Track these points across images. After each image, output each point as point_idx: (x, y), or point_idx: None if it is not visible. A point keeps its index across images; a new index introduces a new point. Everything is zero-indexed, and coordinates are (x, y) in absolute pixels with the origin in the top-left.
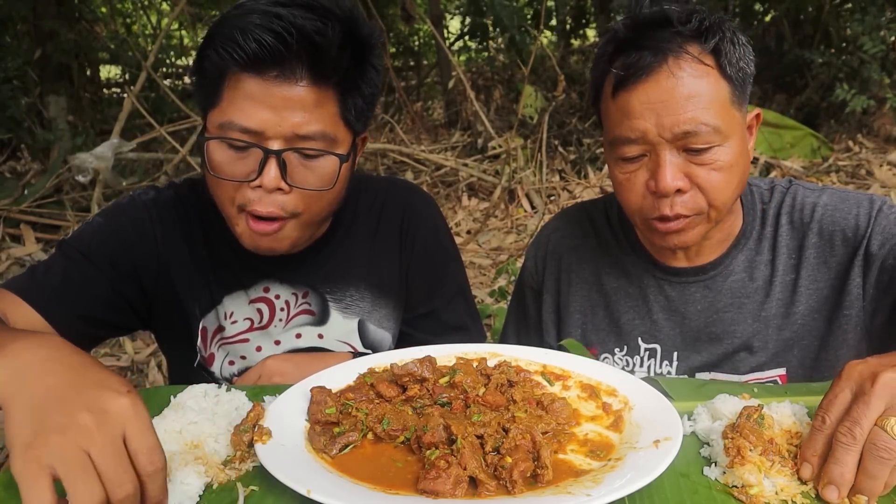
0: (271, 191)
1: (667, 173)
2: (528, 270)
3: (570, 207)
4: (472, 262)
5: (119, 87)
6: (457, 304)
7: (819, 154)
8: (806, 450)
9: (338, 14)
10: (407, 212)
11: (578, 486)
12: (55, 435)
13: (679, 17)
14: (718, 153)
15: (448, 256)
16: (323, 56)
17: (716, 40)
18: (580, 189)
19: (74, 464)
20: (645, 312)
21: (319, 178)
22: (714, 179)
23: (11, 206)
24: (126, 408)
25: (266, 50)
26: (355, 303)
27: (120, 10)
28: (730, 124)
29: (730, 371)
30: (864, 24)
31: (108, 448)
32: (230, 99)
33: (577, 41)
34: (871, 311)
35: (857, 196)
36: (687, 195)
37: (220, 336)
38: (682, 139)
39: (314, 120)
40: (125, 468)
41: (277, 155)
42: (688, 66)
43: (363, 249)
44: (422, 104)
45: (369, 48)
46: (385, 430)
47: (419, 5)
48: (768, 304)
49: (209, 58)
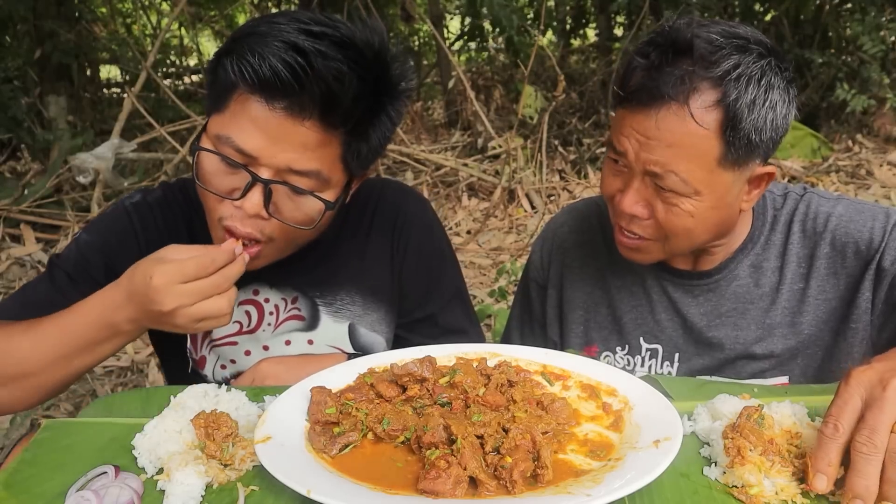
0: (251, 216)
1: (628, 197)
2: (534, 264)
3: (578, 202)
4: (472, 262)
5: (119, 87)
6: (454, 308)
7: (819, 154)
8: (819, 460)
9: (366, 58)
10: (400, 214)
11: (578, 486)
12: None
13: (703, 54)
14: (683, 201)
15: (443, 259)
16: (336, 104)
17: (732, 99)
18: (580, 189)
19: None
20: (648, 312)
21: (302, 214)
22: (672, 220)
23: (11, 206)
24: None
25: (279, 81)
26: (346, 306)
27: (120, 10)
28: (707, 182)
29: (731, 377)
30: (864, 24)
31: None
32: (234, 113)
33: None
34: (879, 326)
35: (874, 208)
36: (645, 221)
37: (209, 338)
38: (652, 175)
39: (312, 159)
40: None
41: (265, 184)
42: (683, 119)
43: (354, 252)
44: (422, 104)
45: (393, 96)
46: (385, 430)
47: (419, 5)
48: (773, 312)
49: (223, 67)
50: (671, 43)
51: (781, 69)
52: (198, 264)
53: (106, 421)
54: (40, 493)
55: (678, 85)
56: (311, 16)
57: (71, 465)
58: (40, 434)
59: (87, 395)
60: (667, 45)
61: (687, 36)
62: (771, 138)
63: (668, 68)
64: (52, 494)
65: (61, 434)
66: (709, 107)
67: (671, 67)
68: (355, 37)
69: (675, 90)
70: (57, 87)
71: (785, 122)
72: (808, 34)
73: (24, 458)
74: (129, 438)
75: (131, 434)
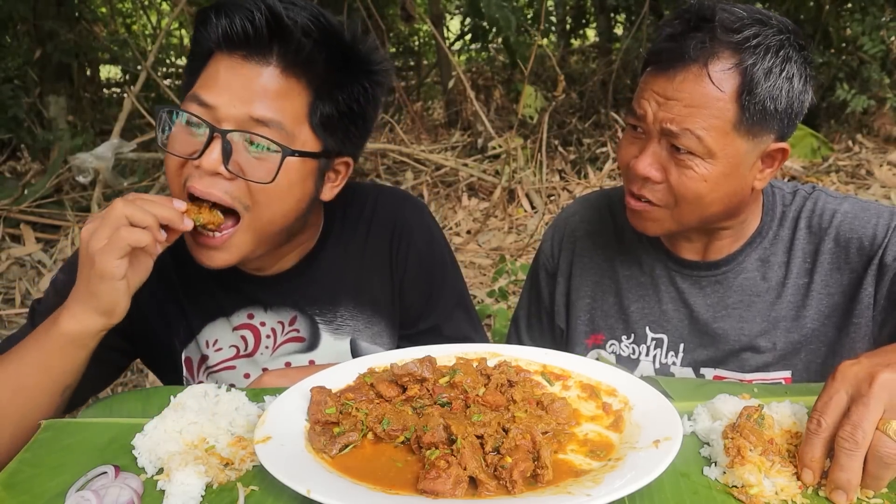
0: (211, 174)
1: (644, 159)
2: (545, 253)
3: (590, 194)
4: (472, 262)
5: (119, 87)
6: (457, 317)
7: (819, 154)
8: (804, 454)
9: (333, 26)
10: (398, 223)
11: (578, 486)
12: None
13: (725, 22)
14: (697, 163)
15: (444, 268)
16: (299, 49)
17: (749, 63)
18: (580, 189)
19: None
20: (654, 302)
21: (264, 171)
22: (685, 183)
23: (11, 206)
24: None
25: (235, 27)
26: (346, 322)
27: (120, 10)
28: (722, 146)
29: (735, 369)
30: (864, 24)
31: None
32: (205, 75)
33: (577, 41)
34: (881, 322)
35: (879, 207)
36: (658, 186)
37: (205, 365)
38: (668, 135)
39: (274, 108)
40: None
41: (223, 134)
42: (701, 81)
43: (353, 265)
44: (422, 104)
45: (361, 64)
46: (385, 430)
47: (419, 5)
48: (779, 305)
49: (195, 39)
50: (696, 13)
51: (800, 46)
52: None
53: (106, 421)
54: (40, 493)
55: (699, 49)
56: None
57: (71, 465)
58: (40, 434)
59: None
60: (692, 15)
61: (712, 8)
62: (786, 111)
63: (692, 34)
64: (52, 494)
65: (61, 434)
66: (727, 69)
67: (694, 33)
68: (325, 14)
69: (695, 53)
70: (57, 87)
71: (801, 99)
72: (808, 34)
73: (24, 458)
74: (129, 438)
75: (131, 434)
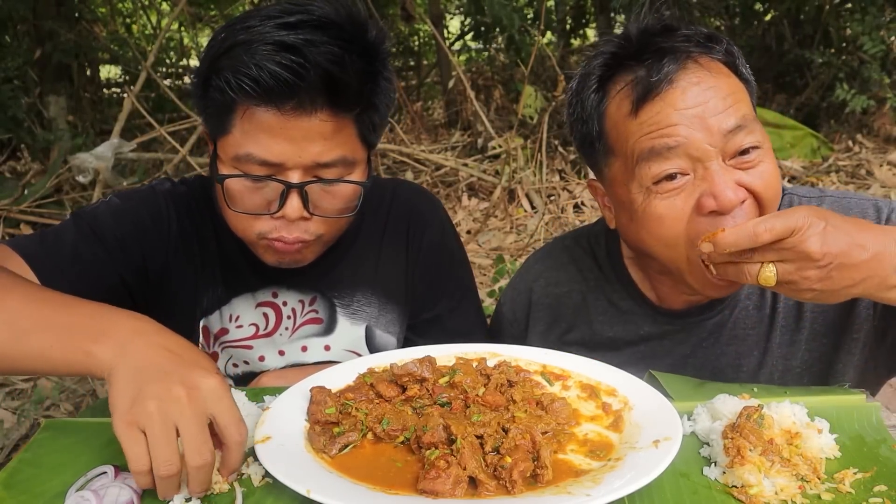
0: (294, 221)
1: (717, 187)
2: (506, 319)
3: (549, 248)
4: (473, 262)
5: (119, 87)
6: (462, 310)
7: (819, 154)
8: (727, 235)
9: (348, 31)
10: (413, 215)
11: (578, 486)
12: (152, 401)
13: (677, 27)
14: (763, 156)
15: (453, 261)
16: (342, 87)
17: (724, 45)
18: (580, 189)
19: (162, 430)
20: (649, 357)
21: (342, 202)
22: (769, 180)
23: (11, 206)
24: (215, 386)
25: (281, 84)
26: (362, 308)
27: (120, 10)
28: (761, 130)
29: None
30: (864, 24)
31: (195, 420)
32: (245, 131)
33: (577, 41)
34: (882, 331)
35: (861, 202)
36: (746, 205)
37: (223, 339)
38: (731, 138)
39: (334, 147)
40: (206, 439)
41: (300, 188)
42: (714, 65)
43: (370, 253)
44: (422, 104)
45: (380, 60)
46: (385, 430)
47: (419, 5)
48: (773, 334)
49: (216, 86)
50: (648, 30)
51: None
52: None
53: (106, 421)
54: (40, 493)
55: (685, 45)
56: (278, 7)
57: (71, 465)
58: (40, 434)
59: (87, 396)
60: (647, 32)
61: (659, 21)
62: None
63: (666, 39)
64: (51, 494)
65: (61, 434)
66: (716, 54)
67: (666, 38)
68: (328, 13)
69: (688, 47)
70: (57, 87)
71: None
72: (808, 34)
73: (24, 458)
74: None
75: None
